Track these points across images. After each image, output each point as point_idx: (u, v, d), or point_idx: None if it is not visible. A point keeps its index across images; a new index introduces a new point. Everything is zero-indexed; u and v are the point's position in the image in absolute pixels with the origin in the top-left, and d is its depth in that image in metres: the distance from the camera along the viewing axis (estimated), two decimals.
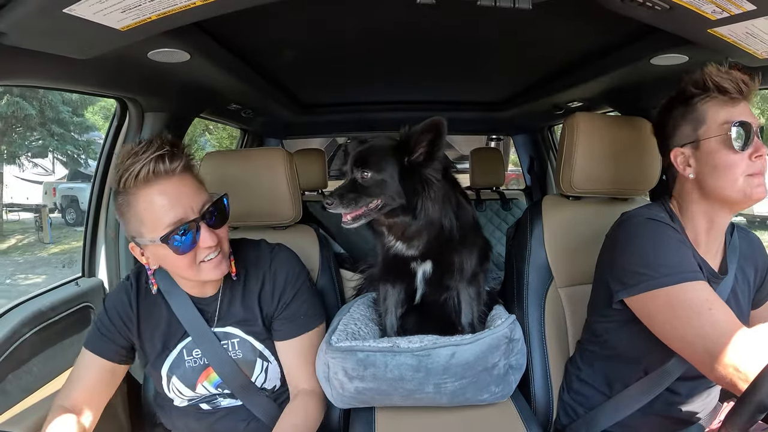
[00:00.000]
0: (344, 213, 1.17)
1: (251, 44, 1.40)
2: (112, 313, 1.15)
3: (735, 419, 0.79)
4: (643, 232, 1.07)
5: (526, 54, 1.60)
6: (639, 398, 1.15)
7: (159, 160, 0.98)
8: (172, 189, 1.01)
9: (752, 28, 0.92)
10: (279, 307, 1.18)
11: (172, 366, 1.16)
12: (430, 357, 1.11)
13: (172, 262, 1.05)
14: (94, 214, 1.62)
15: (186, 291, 1.16)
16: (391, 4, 1.11)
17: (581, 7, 1.03)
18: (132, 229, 1.03)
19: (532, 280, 1.41)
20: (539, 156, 3.26)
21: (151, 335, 1.16)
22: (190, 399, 1.19)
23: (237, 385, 1.18)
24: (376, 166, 1.17)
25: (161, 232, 0.99)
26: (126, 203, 1.01)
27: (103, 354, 1.13)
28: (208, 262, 1.06)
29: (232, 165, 1.46)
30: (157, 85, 1.43)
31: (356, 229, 1.21)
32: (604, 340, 1.19)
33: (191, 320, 1.15)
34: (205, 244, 1.03)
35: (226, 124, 2.83)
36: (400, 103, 2.47)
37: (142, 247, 1.06)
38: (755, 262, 1.21)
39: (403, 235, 1.24)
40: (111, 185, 1.08)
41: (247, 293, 1.18)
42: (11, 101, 10.35)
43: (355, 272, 1.72)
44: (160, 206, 0.99)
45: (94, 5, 0.76)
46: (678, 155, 1.07)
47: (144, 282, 1.17)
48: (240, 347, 1.18)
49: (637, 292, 1.03)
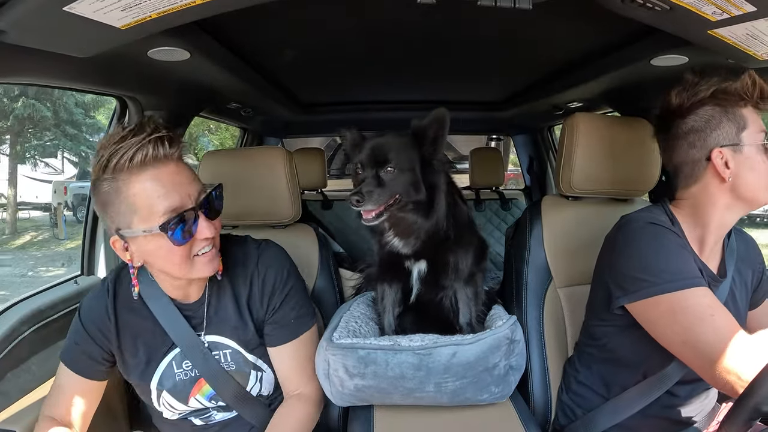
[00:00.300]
0: (368, 211, 1.13)
1: (251, 43, 1.40)
2: (87, 322, 1.06)
3: (732, 421, 0.80)
4: (644, 236, 1.06)
5: (526, 54, 1.59)
6: (638, 401, 1.15)
7: (158, 143, 0.91)
8: (169, 175, 0.93)
9: (752, 30, 0.92)
10: (269, 311, 1.12)
11: (161, 380, 1.09)
12: (432, 356, 1.11)
13: (163, 256, 0.96)
14: (93, 212, 1.61)
15: (169, 295, 1.07)
16: (391, 3, 1.11)
17: (581, 8, 1.03)
18: (119, 220, 0.93)
19: (531, 280, 1.41)
20: (539, 156, 3.26)
21: (134, 346, 1.07)
22: (181, 413, 1.14)
23: (231, 396, 1.12)
24: (401, 161, 1.16)
25: (158, 220, 0.91)
26: (113, 190, 0.91)
27: (81, 372, 1.06)
28: (202, 256, 0.99)
29: (231, 164, 1.46)
30: (157, 83, 1.43)
31: (355, 227, 1.20)
32: (602, 343, 1.19)
33: (177, 328, 1.06)
34: (202, 235, 0.97)
35: (225, 122, 2.83)
36: (399, 103, 2.47)
37: (127, 241, 0.96)
38: (752, 263, 1.21)
39: (403, 231, 1.23)
40: (97, 159, 0.92)
41: (235, 297, 1.11)
42: (27, 103, 10.54)
43: (354, 272, 1.72)
44: (156, 193, 0.91)
45: (93, 3, 0.76)
46: (718, 155, 1.03)
47: (126, 285, 1.07)
48: (233, 358, 1.11)
49: (638, 299, 1.02)
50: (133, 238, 0.95)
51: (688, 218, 1.10)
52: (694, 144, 1.06)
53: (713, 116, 1.03)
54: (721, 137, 1.03)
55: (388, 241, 1.25)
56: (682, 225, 1.10)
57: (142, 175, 0.91)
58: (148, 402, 1.14)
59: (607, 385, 1.21)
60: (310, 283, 1.48)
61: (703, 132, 1.04)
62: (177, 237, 0.93)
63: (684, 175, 1.10)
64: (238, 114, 2.28)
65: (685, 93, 1.06)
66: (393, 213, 1.17)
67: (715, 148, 1.03)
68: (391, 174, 1.15)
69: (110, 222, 0.95)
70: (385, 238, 1.26)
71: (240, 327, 1.11)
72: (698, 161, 1.06)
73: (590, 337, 1.23)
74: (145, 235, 0.93)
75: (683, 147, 1.07)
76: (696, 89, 1.04)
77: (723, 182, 1.04)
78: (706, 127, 1.04)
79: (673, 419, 1.19)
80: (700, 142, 1.05)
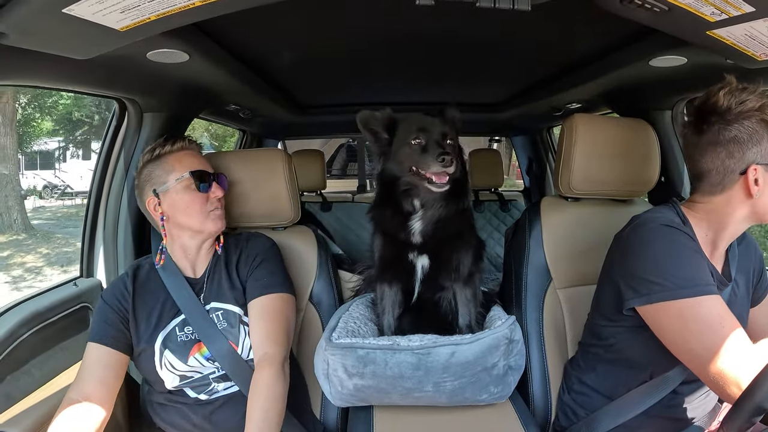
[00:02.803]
0: (446, 175, 1.18)
1: (250, 45, 1.40)
2: (108, 297, 1.26)
3: (733, 420, 0.80)
4: (659, 238, 1.05)
5: (524, 55, 1.59)
6: (642, 402, 1.15)
7: (189, 141, 1.34)
8: (196, 155, 1.33)
9: (751, 30, 0.92)
10: (249, 269, 1.30)
11: (165, 340, 1.24)
12: (430, 355, 1.11)
13: (186, 207, 1.25)
14: (92, 214, 1.61)
15: (182, 272, 1.30)
16: (390, 5, 1.11)
17: (580, 9, 1.03)
18: (157, 181, 1.26)
19: (530, 281, 1.41)
20: (538, 157, 3.27)
21: (147, 314, 1.25)
22: (182, 377, 1.22)
23: (226, 359, 1.22)
24: (454, 136, 1.26)
25: (188, 170, 1.26)
26: (157, 166, 1.27)
27: (105, 341, 1.20)
28: (214, 211, 1.29)
29: (230, 166, 1.46)
30: (156, 85, 1.43)
31: (350, 229, 1.23)
32: (610, 344, 1.18)
33: (185, 298, 1.26)
34: (215, 194, 1.29)
35: (225, 124, 2.83)
36: (398, 105, 2.47)
37: (160, 197, 1.26)
38: (753, 263, 1.22)
39: (431, 214, 1.26)
40: (142, 160, 1.30)
41: (228, 265, 1.32)
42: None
43: (353, 273, 1.72)
44: (189, 159, 1.29)
45: (93, 5, 0.76)
46: (753, 171, 1.01)
47: (144, 270, 1.31)
48: (224, 318, 1.26)
49: (650, 302, 1.02)
50: (165, 193, 1.26)
51: (702, 222, 1.09)
52: (733, 154, 1.03)
53: (756, 131, 1.01)
54: (759, 154, 1.01)
55: (409, 225, 1.27)
56: (694, 227, 1.09)
57: (179, 153, 1.30)
58: (152, 374, 1.23)
59: (612, 386, 1.20)
60: (308, 284, 1.48)
61: (745, 145, 1.02)
62: (199, 184, 1.27)
63: (710, 182, 1.07)
64: (238, 116, 2.28)
65: (732, 98, 1.02)
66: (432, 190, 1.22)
67: (752, 164, 1.02)
68: (450, 146, 1.23)
69: (149, 188, 1.27)
70: (410, 224, 1.27)
71: (232, 287, 1.29)
72: (732, 172, 1.04)
73: (597, 337, 1.22)
74: (176, 183, 1.25)
75: (721, 154, 1.04)
76: (743, 97, 1.01)
77: (749, 198, 1.03)
78: (748, 141, 1.01)
79: (675, 418, 1.19)
80: (740, 154, 1.02)
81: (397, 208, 1.28)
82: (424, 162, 1.20)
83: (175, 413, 1.24)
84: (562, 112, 2.30)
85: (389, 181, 1.29)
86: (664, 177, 1.45)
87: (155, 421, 1.28)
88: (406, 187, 1.27)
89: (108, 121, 1.64)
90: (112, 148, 1.59)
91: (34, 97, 12.80)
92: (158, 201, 1.26)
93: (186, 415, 1.23)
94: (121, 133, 1.58)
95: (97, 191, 1.60)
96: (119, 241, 1.61)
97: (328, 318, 1.40)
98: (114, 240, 1.61)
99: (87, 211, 1.63)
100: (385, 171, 1.30)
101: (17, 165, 11.85)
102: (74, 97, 12.55)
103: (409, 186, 1.26)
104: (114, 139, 1.59)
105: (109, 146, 1.59)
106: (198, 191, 1.26)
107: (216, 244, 1.34)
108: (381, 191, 1.35)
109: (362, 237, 2.88)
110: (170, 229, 1.29)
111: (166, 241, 1.31)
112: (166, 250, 1.31)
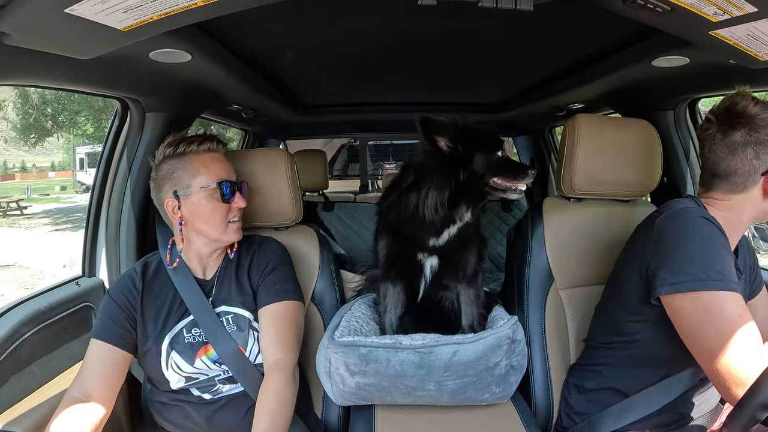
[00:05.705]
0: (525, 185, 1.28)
1: (253, 45, 1.40)
2: (114, 293, 1.24)
3: (736, 420, 0.79)
4: (697, 229, 1.05)
5: (527, 55, 1.59)
6: (650, 403, 1.15)
7: (216, 141, 1.28)
8: (222, 161, 1.27)
9: (754, 30, 0.92)
10: (261, 276, 1.29)
11: (172, 341, 1.22)
12: (433, 354, 1.11)
13: (207, 215, 1.22)
14: (94, 213, 1.62)
15: (192, 273, 1.28)
16: (392, 4, 1.11)
17: (582, 9, 1.03)
18: (180, 183, 1.21)
19: (532, 281, 1.41)
20: (540, 157, 3.26)
21: (155, 313, 1.24)
22: (188, 378, 1.22)
23: (233, 361, 1.22)
24: None
25: (215, 180, 1.22)
26: (179, 164, 1.22)
27: (107, 338, 1.19)
28: (233, 223, 1.26)
29: (233, 165, 1.46)
30: (159, 85, 1.43)
31: (352, 229, 1.23)
32: (634, 339, 1.16)
33: (194, 299, 1.24)
34: (238, 204, 1.26)
35: (227, 124, 2.84)
36: (401, 105, 2.47)
37: (180, 201, 1.21)
38: (749, 258, 1.26)
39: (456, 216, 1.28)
40: (163, 153, 1.24)
41: (239, 269, 1.31)
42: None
43: (355, 273, 1.72)
44: (216, 165, 1.25)
45: (95, 5, 0.76)
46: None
47: (152, 266, 1.29)
48: (234, 321, 1.26)
49: (679, 291, 1.01)
50: (186, 197, 1.22)
51: (721, 220, 1.09)
52: (759, 156, 1.06)
53: None
54: None
55: (445, 231, 1.27)
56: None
57: (206, 155, 1.25)
58: (158, 374, 1.22)
59: (626, 385, 1.20)
60: (310, 284, 1.48)
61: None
62: (226, 193, 1.24)
63: (734, 181, 1.10)
64: (240, 116, 2.28)
65: (761, 107, 1.06)
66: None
67: None
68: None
69: (169, 188, 1.22)
70: (446, 229, 1.27)
71: (242, 292, 1.28)
72: (755, 173, 1.07)
73: (620, 333, 1.19)
74: (201, 191, 1.21)
75: (748, 155, 1.07)
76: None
77: (766, 197, 1.08)
78: None
79: (677, 418, 1.19)
80: (765, 155, 1.06)
81: (431, 216, 1.24)
82: (512, 173, 1.25)
83: (178, 412, 1.25)
84: (565, 112, 2.30)
85: (447, 189, 1.23)
86: (666, 177, 1.45)
87: (156, 419, 1.28)
88: (474, 196, 1.27)
89: (110, 121, 1.64)
90: (115, 148, 1.59)
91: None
92: (178, 204, 1.22)
93: (188, 414, 1.23)
94: (123, 133, 1.58)
95: (100, 191, 1.61)
96: (121, 240, 1.62)
97: (329, 318, 1.40)
98: (116, 240, 1.62)
99: (89, 211, 1.63)
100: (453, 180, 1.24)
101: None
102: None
103: (483, 194, 1.28)
104: (116, 139, 1.59)
105: (111, 146, 1.59)
106: (221, 201, 1.23)
107: (228, 248, 1.32)
108: (421, 199, 1.25)
109: (364, 237, 2.88)
110: (187, 233, 1.26)
111: (183, 245, 1.27)
112: (179, 252, 1.28)
